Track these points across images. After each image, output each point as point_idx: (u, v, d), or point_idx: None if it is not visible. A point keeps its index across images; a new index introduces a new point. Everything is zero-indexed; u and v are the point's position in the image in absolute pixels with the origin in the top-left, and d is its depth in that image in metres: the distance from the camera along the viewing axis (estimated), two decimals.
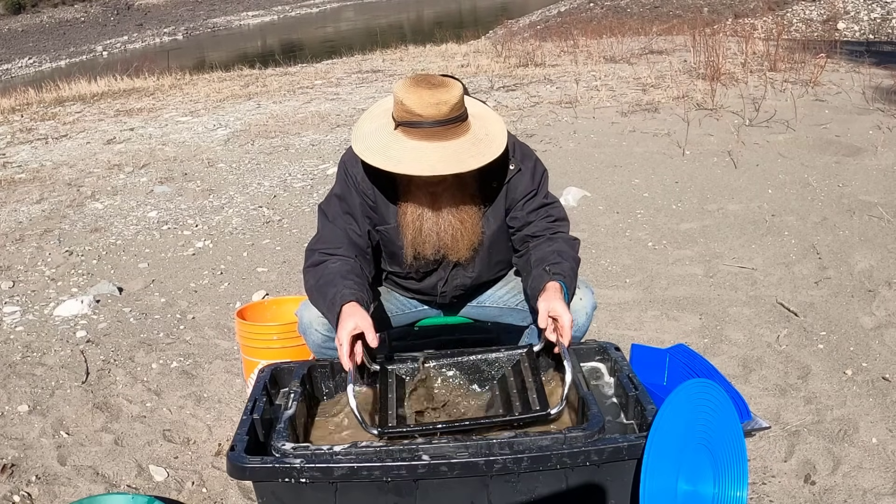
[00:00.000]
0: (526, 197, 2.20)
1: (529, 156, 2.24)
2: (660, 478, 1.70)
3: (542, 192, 2.23)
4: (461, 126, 2.02)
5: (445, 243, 2.16)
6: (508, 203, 2.21)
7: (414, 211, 2.13)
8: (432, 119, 1.97)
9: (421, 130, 1.98)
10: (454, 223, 2.13)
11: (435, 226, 2.13)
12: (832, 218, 4.50)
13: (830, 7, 16.79)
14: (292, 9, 38.65)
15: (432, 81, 2.01)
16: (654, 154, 5.96)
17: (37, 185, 6.10)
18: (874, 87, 7.56)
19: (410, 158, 1.97)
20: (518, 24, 21.04)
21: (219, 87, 10.60)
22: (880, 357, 3.00)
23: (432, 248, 2.17)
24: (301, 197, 5.46)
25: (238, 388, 3.00)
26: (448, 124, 1.98)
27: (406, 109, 1.98)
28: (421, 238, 2.15)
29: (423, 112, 1.97)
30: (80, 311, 3.75)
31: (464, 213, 2.14)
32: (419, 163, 1.97)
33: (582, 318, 2.21)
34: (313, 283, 2.11)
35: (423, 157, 1.97)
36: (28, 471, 2.49)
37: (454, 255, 2.18)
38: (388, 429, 1.84)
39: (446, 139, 1.99)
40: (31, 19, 35.19)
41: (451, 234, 2.14)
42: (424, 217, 2.13)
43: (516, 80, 9.39)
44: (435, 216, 2.13)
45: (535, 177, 2.21)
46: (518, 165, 2.19)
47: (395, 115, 2.03)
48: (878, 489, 2.26)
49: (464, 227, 2.14)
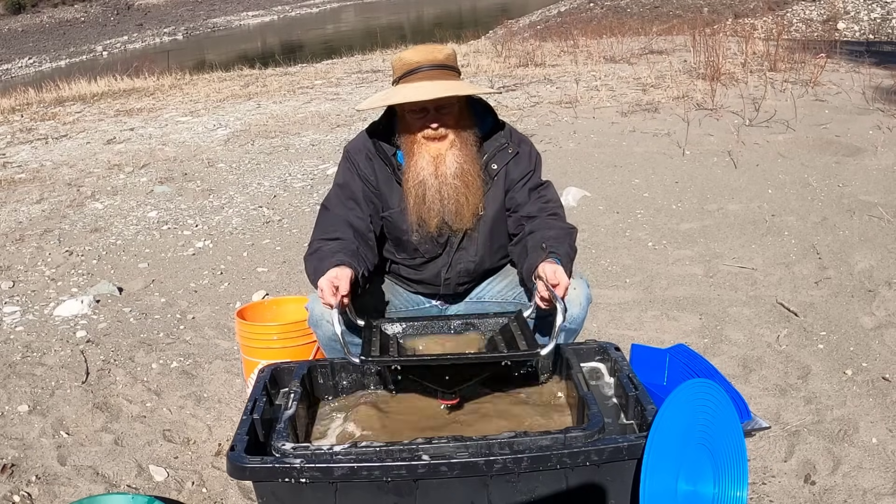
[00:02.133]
0: (524, 178, 2.32)
1: (525, 140, 2.39)
2: (660, 478, 1.70)
3: (537, 173, 2.36)
4: (455, 75, 2.22)
5: (450, 210, 2.23)
6: (507, 184, 2.32)
7: (416, 177, 2.22)
8: (428, 63, 2.17)
9: (419, 73, 2.16)
10: (458, 186, 2.22)
11: (438, 193, 2.22)
12: (832, 218, 4.50)
13: (830, 7, 16.79)
14: (292, 9, 38.65)
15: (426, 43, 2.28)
16: (654, 154, 5.96)
17: (37, 185, 6.10)
18: (874, 87, 7.56)
19: (412, 93, 2.14)
20: (518, 24, 21.04)
21: (219, 87, 10.60)
22: (880, 357, 3.00)
23: (436, 215, 2.24)
24: (301, 197, 5.46)
25: (238, 388, 3.00)
26: (443, 68, 2.18)
27: (404, 61, 2.19)
28: (425, 207, 2.23)
29: (418, 58, 2.17)
30: (80, 311, 3.75)
31: (467, 176, 2.23)
32: (419, 91, 2.13)
33: (577, 309, 2.22)
34: (311, 269, 2.19)
35: (423, 89, 2.13)
36: (28, 471, 2.49)
37: (458, 223, 2.25)
38: (371, 357, 1.91)
39: (443, 79, 2.16)
40: (31, 19, 35.19)
41: (454, 199, 2.23)
42: (427, 184, 2.22)
43: (516, 80, 9.40)
44: (438, 182, 2.22)
45: (531, 158, 2.35)
46: (515, 149, 2.33)
47: (396, 75, 2.22)
48: (878, 489, 2.26)
49: (469, 190, 2.23)
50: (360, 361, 1.90)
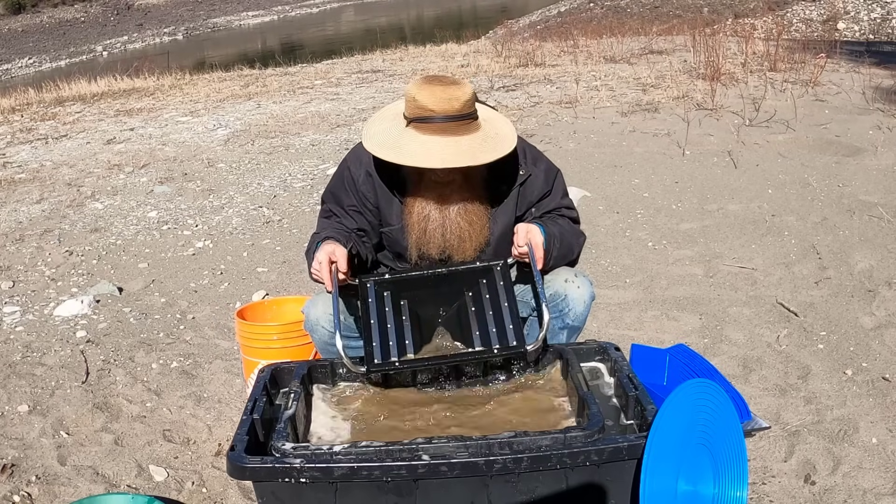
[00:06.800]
0: (541, 198, 2.25)
1: (540, 158, 2.27)
2: (660, 478, 1.70)
3: (557, 192, 2.27)
4: (472, 124, 2.05)
5: (451, 244, 2.17)
6: (524, 207, 2.24)
7: (420, 211, 2.15)
8: (444, 114, 2.00)
9: (433, 125, 2.01)
10: (462, 224, 2.15)
11: (441, 227, 2.15)
12: (832, 218, 4.50)
13: (830, 7, 16.78)
14: (292, 9, 38.61)
15: (444, 80, 2.06)
16: (654, 154, 5.96)
17: (37, 185, 6.10)
18: (874, 87, 7.56)
19: (423, 152, 2.00)
20: (518, 24, 21.02)
21: (219, 87, 10.59)
22: (880, 357, 3.00)
23: (437, 248, 2.19)
24: (301, 197, 5.46)
25: (238, 388, 3.00)
26: (459, 120, 2.01)
27: (418, 105, 2.01)
28: (426, 238, 2.17)
29: (435, 107, 1.99)
30: (80, 311, 3.75)
31: (472, 215, 2.16)
32: (431, 156, 1.99)
33: (580, 307, 2.22)
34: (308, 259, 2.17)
35: (434, 151, 1.99)
36: (28, 471, 2.49)
37: (459, 255, 2.20)
38: (375, 367, 1.97)
39: (458, 135, 2.01)
40: (31, 19, 35.16)
41: (457, 235, 2.16)
42: (430, 217, 2.15)
43: (516, 80, 9.39)
44: (441, 217, 2.14)
45: (548, 178, 2.25)
46: (529, 170, 2.22)
47: (407, 113, 2.06)
48: (878, 489, 2.26)
49: (472, 228, 2.16)
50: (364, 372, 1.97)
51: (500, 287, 2.13)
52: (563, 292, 2.22)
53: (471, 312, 2.14)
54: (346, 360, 1.96)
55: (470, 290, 2.17)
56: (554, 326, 2.23)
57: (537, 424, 1.91)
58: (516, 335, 2.03)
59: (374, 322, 2.08)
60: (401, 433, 1.89)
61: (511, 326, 2.04)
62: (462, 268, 2.19)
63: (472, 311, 2.14)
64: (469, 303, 2.15)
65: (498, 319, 2.07)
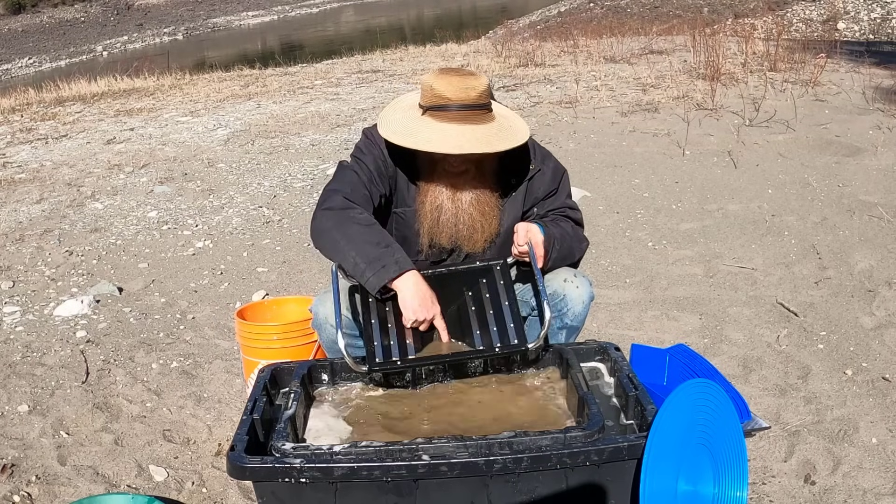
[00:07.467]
0: (547, 196, 2.27)
1: (549, 157, 2.31)
2: (660, 478, 1.70)
3: (562, 192, 2.30)
4: (487, 114, 2.09)
5: (462, 234, 2.20)
6: (530, 203, 2.27)
7: (433, 200, 2.18)
8: (460, 102, 2.04)
9: (449, 113, 2.04)
10: (474, 215, 2.18)
11: (453, 217, 2.18)
12: (832, 218, 4.50)
13: (830, 7, 16.79)
14: (292, 9, 38.62)
15: (461, 71, 2.11)
16: (654, 154, 5.96)
17: (37, 185, 6.10)
18: (874, 87, 7.56)
19: (438, 138, 2.03)
20: (518, 24, 21.03)
21: (219, 87, 10.59)
22: (880, 357, 3.00)
23: (449, 238, 2.21)
24: (301, 197, 5.46)
25: (238, 388, 3.00)
26: (475, 109, 2.05)
27: (435, 94, 2.05)
28: (438, 228, 2.20)
29: (451, 95, 2.04)
30: (80, 311, 3.75)
31: (484, 206, 2.19)
32: (447, 142, 2.02)
33: (579, 307, 2.22)
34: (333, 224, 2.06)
35: (450, 137, 2.02)
36: (28, 471, 2.49)
37: (469, 246, 2.22)
38: (377, 366, 1.98)
39: (473, 123, 2.05)
40: (31, 19, 35.16)
41: (469, 226, 2.19)
42: (444, 208, 2.17)
43: (516, 80, 9.39)
44: (454, 207, 2.17)
45: (555, 177, 2.29)
46: (539, 166, 2.26)
47: (423, 102, 2.09)
48: (878, 489, 2.26)
49: (484, 219, 2.19)
50: (366, 371, 1.99)
51: (500, 286, 2.14)
52: (562, 292, 2.23)
53: (471, 312, 2.14)
54: (348, 359, 1.96)
55: (470, 289, 2.18)
56: (553, 326, 2.23)
57: (537, 424, 1.90)
58: (517, 334, 2.03)
59: (375, 321, 2.08)
60: (401, 433, 1.88)
61: (512, 325, 2.05)
62: (462, 268, 2.20)
63: (472, 311, 2.14)
64: (469, 302, 2.16)
65: (498, 318, 2.08)
